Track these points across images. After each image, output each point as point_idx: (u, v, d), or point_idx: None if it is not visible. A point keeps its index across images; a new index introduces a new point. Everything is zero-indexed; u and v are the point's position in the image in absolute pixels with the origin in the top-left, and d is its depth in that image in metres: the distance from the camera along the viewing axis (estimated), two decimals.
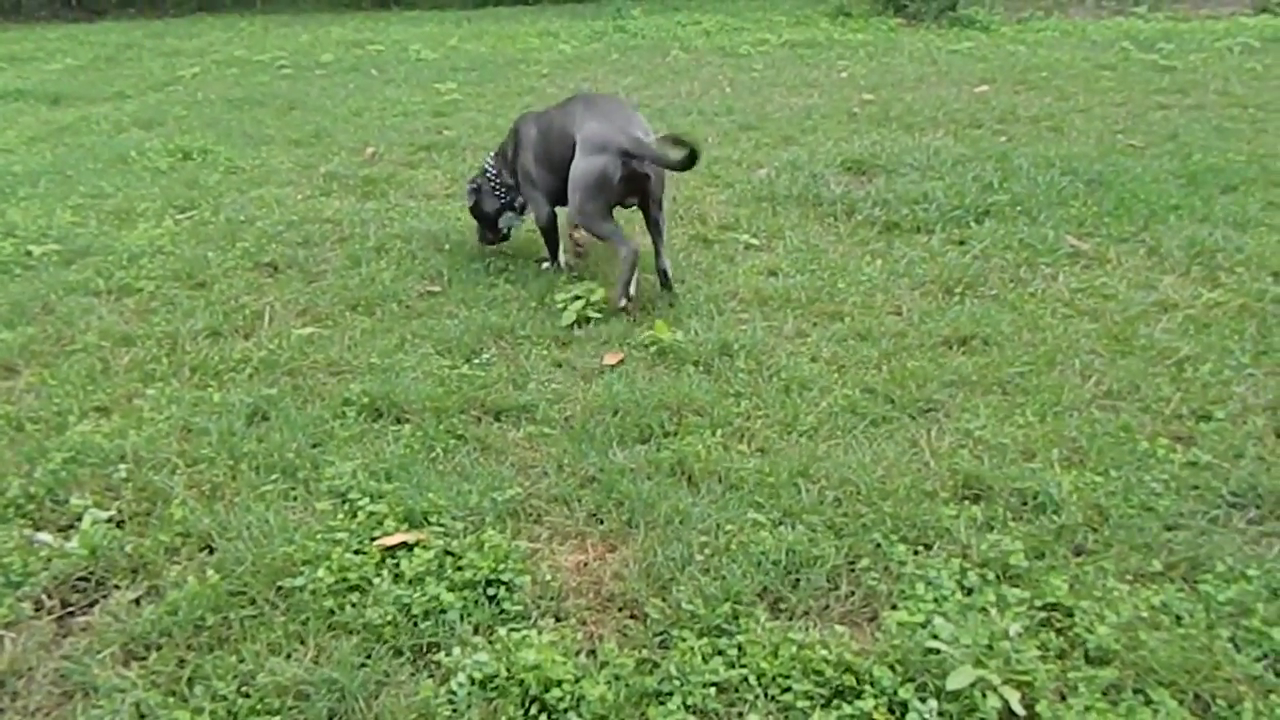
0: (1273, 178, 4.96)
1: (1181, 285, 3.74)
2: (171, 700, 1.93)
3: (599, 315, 3.63)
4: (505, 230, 4.37)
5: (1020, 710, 1.82)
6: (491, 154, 4.39)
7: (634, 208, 3.85)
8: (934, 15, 12.18)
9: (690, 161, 3.62)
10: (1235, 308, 3.50)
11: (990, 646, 1.95)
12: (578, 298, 3.68)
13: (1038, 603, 2.10)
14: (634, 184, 3.73)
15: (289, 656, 2.03)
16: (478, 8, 18.07)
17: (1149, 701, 1.85)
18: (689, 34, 12.07)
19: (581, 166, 3.72)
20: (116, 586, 2.26)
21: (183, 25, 15.77)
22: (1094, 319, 3.48)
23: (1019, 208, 4.62)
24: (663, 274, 3.83)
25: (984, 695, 1.84)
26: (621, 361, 3.30)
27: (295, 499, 2.57)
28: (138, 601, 2.21)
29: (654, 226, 3.86)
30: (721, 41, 11.22)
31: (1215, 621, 2.03)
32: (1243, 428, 2.74)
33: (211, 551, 2.36)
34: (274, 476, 2.65)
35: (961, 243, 4.29)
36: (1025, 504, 2.46)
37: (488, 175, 4.32)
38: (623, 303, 3.70)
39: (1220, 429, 2.74)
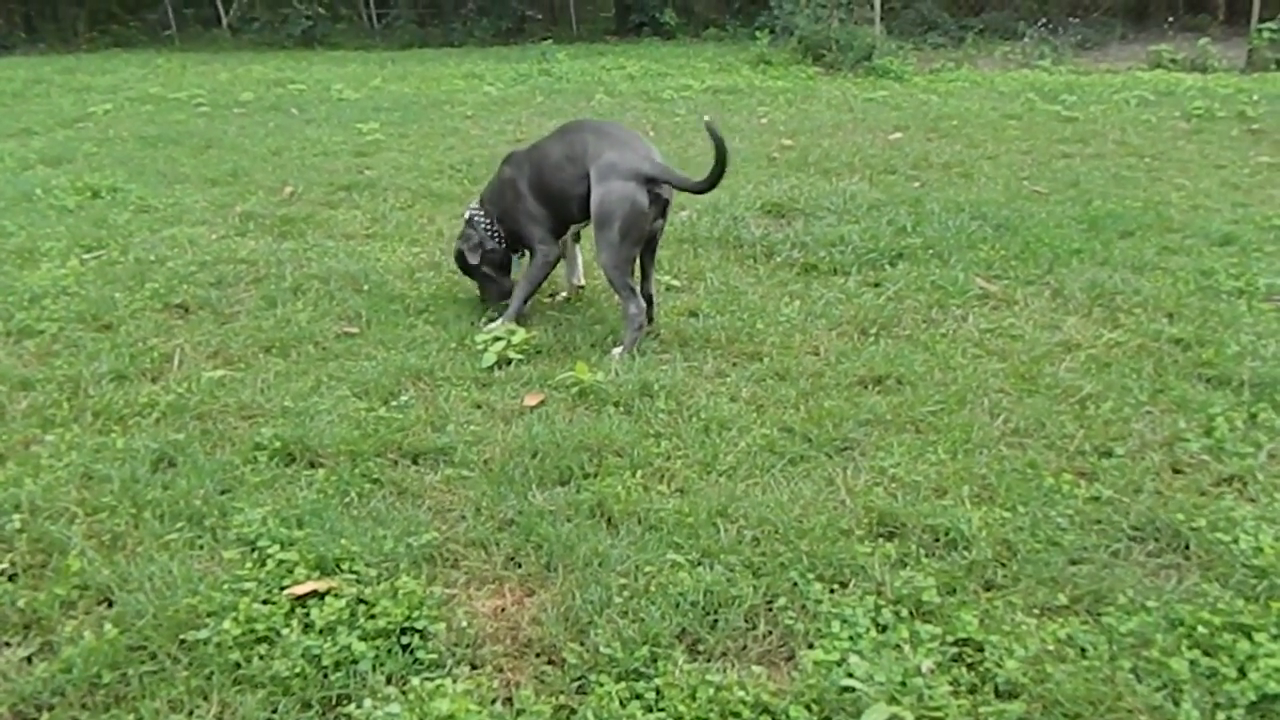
0: (1167, 223, 5.20)
1: (1084, 326, 3.88)
2: None
3: (520, 356, 3.62)
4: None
5: None
6: (474, 203, 4.15)
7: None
8: (850, 65, 12.56)
9: (713, 182, 3.60)
10: (1134, 347, 3.65)
11: (904, 683, 1.97)
12: (498, 339, 3.66)
13: (949, 638, 2.13)
14: (658, 211, 3.72)
15: (191, 714, 1.96)
16: (403, 49, 18.08)
17: None
18: (613, 78, 12.24)
19: (612, 196, 3.61)
20: (7, 644, 2.16)
21: (95, 61, 15.41)
22: (1002, 359, 3.59)
23: (931, 251, 4.76)
24: (649, 300, 3.87)
25: None
26: (542, 403, 3.29)
27: (201, 548, 2.48)
28: (30, 659, 2.11)
29: (652, 256, 3.91)
30: (645, 86, 11.39)
31: (1117, 653, 2.08)
32: (1141, 463, 2.85)
33: (110, 605, 2.27)
34: (179, 525, 2.56)
35: (876, 284, 4.39)
36: (937, 540, 2.50)
37: (479, 223, 4.07)
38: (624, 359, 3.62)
39: (1120, 465, 2.83)
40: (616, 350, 3.69)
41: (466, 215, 4.14)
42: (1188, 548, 2.46)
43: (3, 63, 15.26)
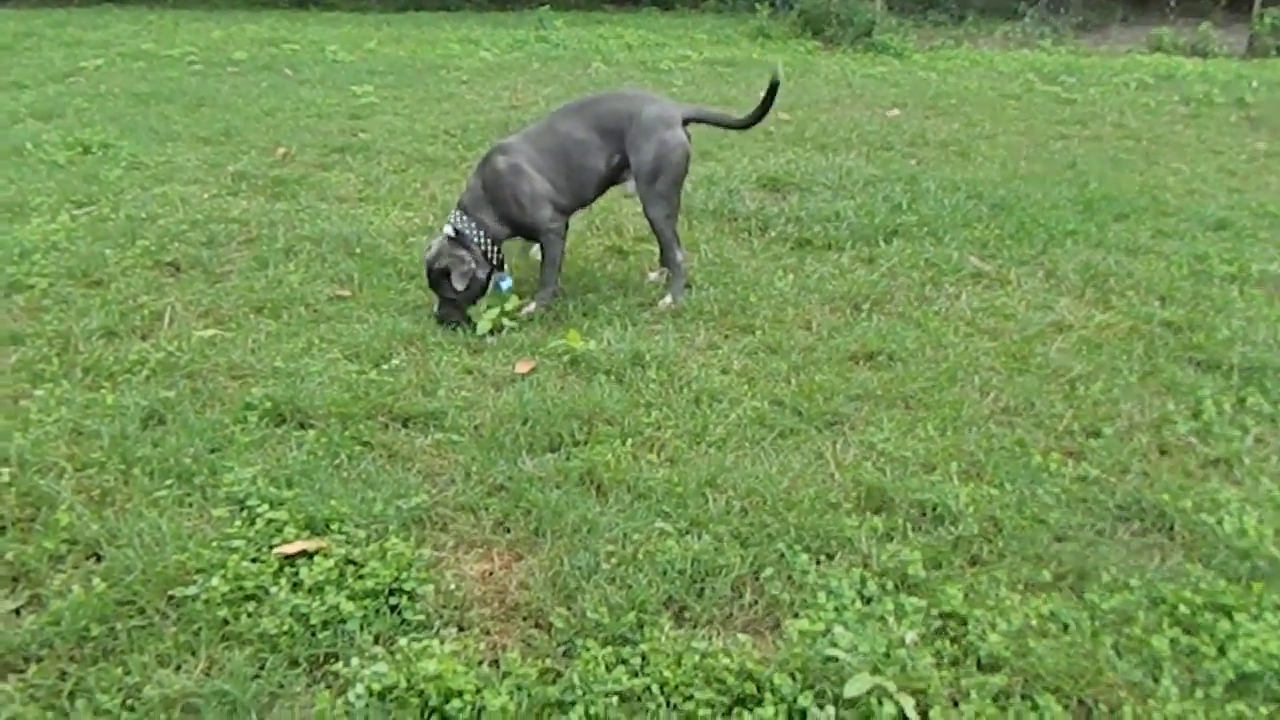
0: (1162, 207, 5.21)
1: (1076, 307, 3.89)
2: (50, 715, 1.85)
3: (513, 324, 3.61)
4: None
5: (915, 716, 1.87)
6: (456, 213, 3.75)
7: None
8: (850, 40, 12.47)
9: (760, 114, 3.89)
10: (1125, 330, 3.66)
11: (888, 654, 1.99)
12: (491, 305, 3.65)
13: (934, 611, 2.16)
14: None
15: (179, 668, 1.96)
16: (398, 12, 17.84)
17: (1035, 707, 1.91)
18: (611, 47, 12.12)
19: (666, 147, 3.73)
20: None
21: (87, 15, 15.18)
22: (993, 337, 3.60)
23: (926, 228, 4.76)
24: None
25: (880, 702, 1.88)
26: (534, 370, 3.29)
27: (191, 505, 2.49)
28: (18, 611, 2.12)
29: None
30: (643, 56, 11.29)
31: (1099, 630, 2.11)
32: (1129, 444, 2.87)
33: (99, 560, 2.27)
34: (169, 482, 2.56)
35: (870, 261, 4.39)
36: (924, 515, 2.52)
37: (466, 237, 3.69)
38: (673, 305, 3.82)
39: (1108, 445, 2.85)
40: (666, 299, 3.86)
41: (450, 230, 3.71)
42: (1172, 528, 2.48)
43: None
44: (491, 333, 3.56)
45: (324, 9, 18.02)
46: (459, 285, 3.59)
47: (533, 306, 3.78)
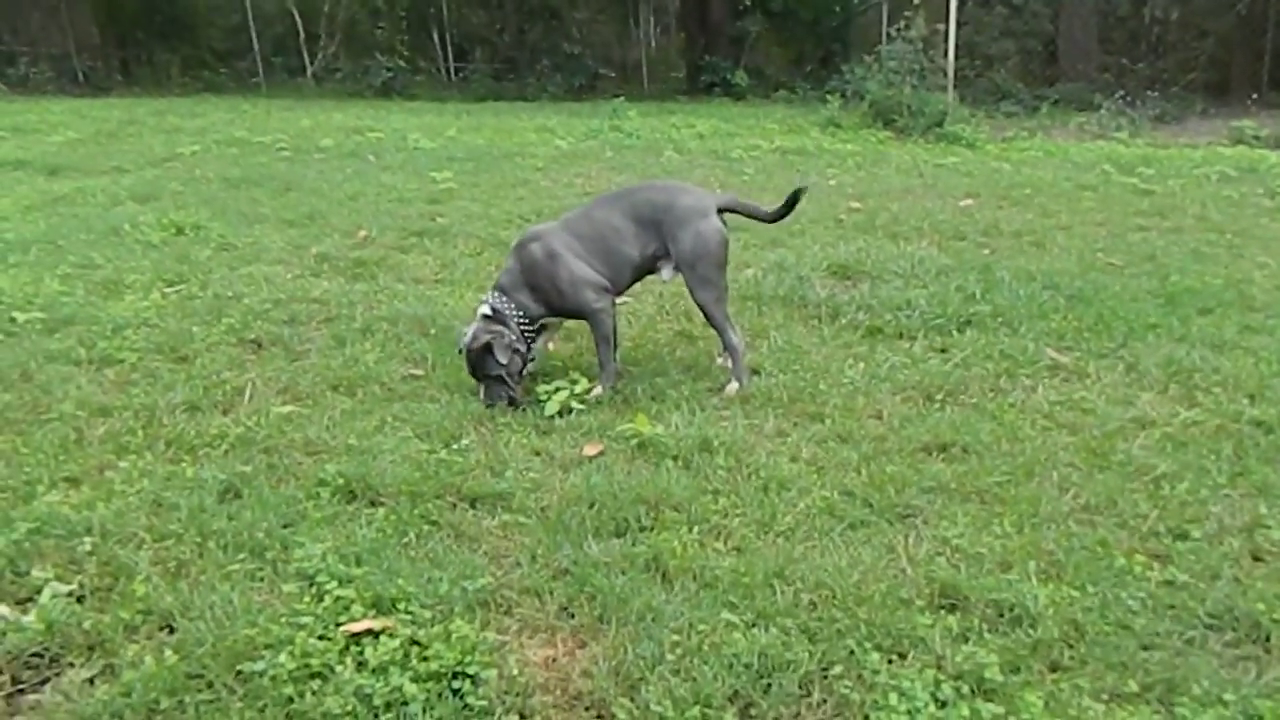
0: (1248, 302, 5.07)
1: (1159, 403, 3.78)
2: None
3: (582, 406, 3.64)
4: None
5: None
6: (494, 294, 3.80)
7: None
8: (921, 130, 12.57)
9: (785, 212, 3.99)
10: (1212, 428, 3.53)
11: None
12: (560, 388, 3.68)
13: (1012, 719, 2.06)
14: None
15: None
16: (478, 101, 18.58)
17: None
18: (683, 136, 12.40)
19: (704, 234, 3.80)
20: (71, 664, 2.20)
21: (186, 104, 16.09)
22: (1072, 432, 3.50)
23: (1000, 319, 4.69)
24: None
25: None
26: (601, 453, 3.29)
27: (262, 580, 2.52)
28: (92, 681, 2.15)
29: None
30: (714, 145, 11.51)
31: None
32: (1219, 548, 2.74)
33: (172, 631, 2.30)
34: (241, 556, 2.60)
35: (943, 350, 4.34)
36: (1001, 616, 2.43)
37: (504, 316, 3.74)
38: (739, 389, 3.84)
39: (1196, 548, 2.73)
40: (732, 384, 3.87)
41: (486, 309, 3.76)
42: (1268, 639, 2.35)
43: (100, 104, 16.02)
44: (559, 415, 3.58)
45: (407, 99, 18.85)
46: (502, 359, 3.60)
47: (599, 390, 3.80)
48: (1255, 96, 16.49)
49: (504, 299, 3.79)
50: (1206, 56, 18.55)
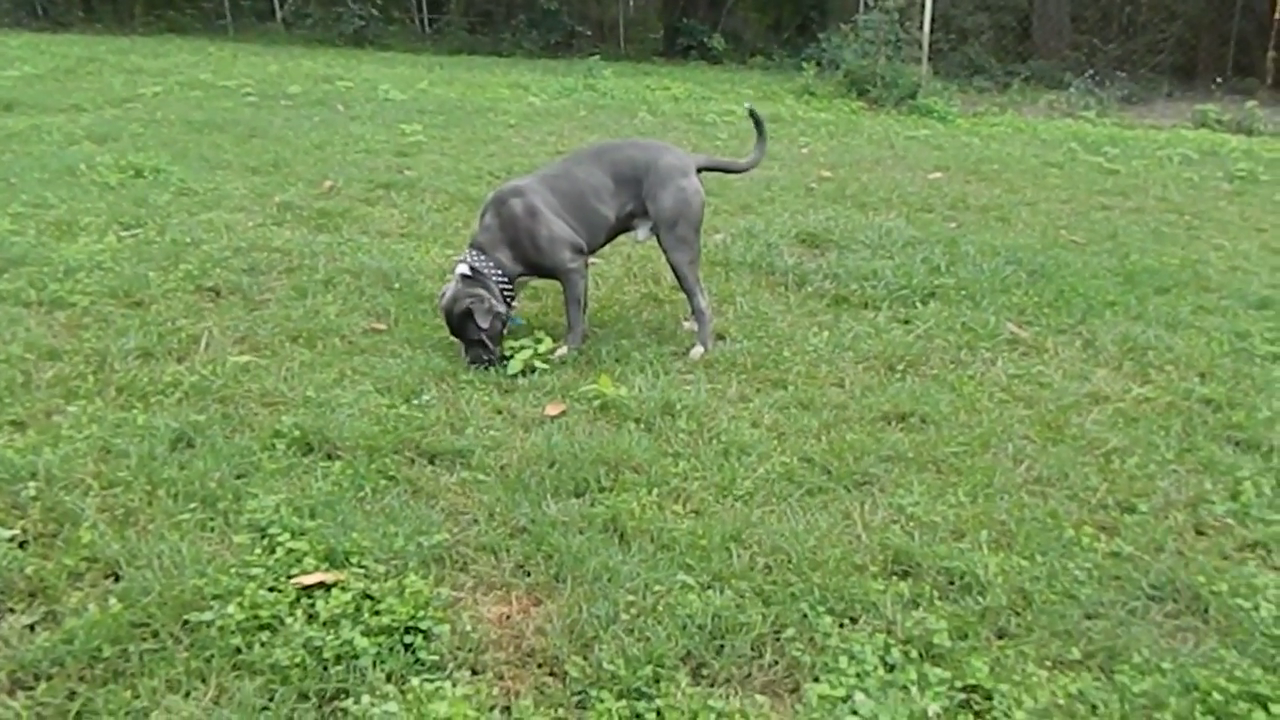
0: (1204, 282, 5.14)
1: (1113, 379, 3.83)
2: None
3: (545, 365, 3.61)
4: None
5: None
6: (472, 253, 3.71)
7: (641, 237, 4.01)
8: (894, 102, 12.57)
9: (760, 133, 4.17)
10: (1163, 405, 3.59)
11: None
12: (525, 347, 3.65)
13: (958, 684, 2.09)
14: None
15: (188, 695, 1.95)
16: (451, 54, 18.26)
17: None
18: (657, 98, 12.29)
19: (684, 195, 3.82)
20: (11, 610, 2.16)
21: (149, 44, 15.66)
22: (1028, 405, 3.54)
23: (963, 292, 4.73)
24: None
25: None
26: (563, 413, 3.28)
27: (212, 530, 2.48)
28: (32, 627, 2.11)
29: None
30: (689, 108, 11.43)
31: (1129, 713, 2.04)
32: (1164, 522, 2.80)
33: (118, 579, 2.27)
34: (192, 505, 2.57)
35: (906, 322, 4.36)
36: (952, 583, 2.46)
37: (483, 276, 3.66)
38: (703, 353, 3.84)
39: (1143, 521, 2.78)
40: (697, 348, 3.85)
41: (464, 269, 3.67)
42: (1207, 611, 2.40)
43: (59, 39, 15.54)
44: (523, 373, 3.56)
45: (379, 49, 18.49)
46: (483, 323, 3.55)
47: (564, 349, 3.78)
48: (1219, 80, 16.64)
49: (483, 258, 3.71)
50: (1174, 39, 18.65)
